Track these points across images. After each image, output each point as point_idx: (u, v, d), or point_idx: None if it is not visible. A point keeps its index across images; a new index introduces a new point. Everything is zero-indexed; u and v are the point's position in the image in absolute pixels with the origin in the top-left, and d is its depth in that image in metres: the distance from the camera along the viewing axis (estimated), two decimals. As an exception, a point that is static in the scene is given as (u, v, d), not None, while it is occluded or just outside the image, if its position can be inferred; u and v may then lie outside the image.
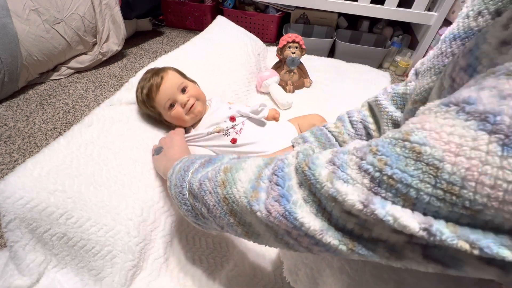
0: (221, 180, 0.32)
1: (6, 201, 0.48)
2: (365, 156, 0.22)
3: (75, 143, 0.57)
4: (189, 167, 0.40)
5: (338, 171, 0.23)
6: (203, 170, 0.37)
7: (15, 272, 0.51)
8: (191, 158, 0.43)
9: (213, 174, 0.34)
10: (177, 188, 0.40)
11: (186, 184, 0.38)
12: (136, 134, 0.64)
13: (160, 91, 0.64)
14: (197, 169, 0.38)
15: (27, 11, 1.07)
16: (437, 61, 0.32)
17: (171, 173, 0.43)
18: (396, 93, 0.46)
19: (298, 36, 1.01)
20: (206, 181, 0.34)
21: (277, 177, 0.28)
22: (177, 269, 0.56)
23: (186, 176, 0.39)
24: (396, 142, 0.21)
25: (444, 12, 1.20)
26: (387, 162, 0.20)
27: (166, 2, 1.68)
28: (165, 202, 0.60)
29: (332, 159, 0.25)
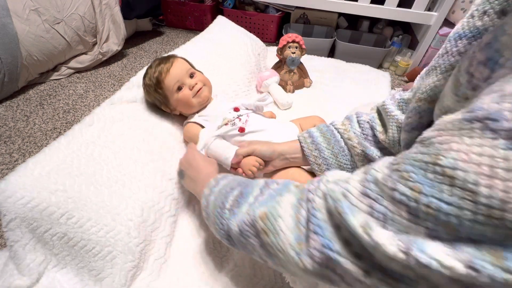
0: (262, 229, 0.32)
1: (7, 200, 0.48)
2: (396, 185, 0.22)
3: (76, 143, 0.57)
4: (224, 203, 0.40)
5: (374, 212, 0.23)
6: (239, 211, 0.37)
7: (15, 272, 0.51)
8: (224, 189, 0.42)
9: (251, 220, 0.34)
10: (216, 225, 0.40)
11: (226, 222, 0.38)
12: (137, 134, 0.64)
13: (170, 73, 0.65)
14: (232, 210, 0.38)
15: (27, 11, 1.07)
16: (442, 60, 0.33)
17: (206, 204, 0.43)
18: (402, 99, 0.47)
19: (298, 36, 1.01)
20: (246, 227, 0.34)
21: (313, 225, 0.27)
22: (177, 269, 0.56)
23: (224, 214, 0.39)
24: (427, 167, 0.20)
25: (444, 12, 1.20)
26: (421, 190, 0.20)
27: (166, 2, 1.68)
28: (165, 202, 0.60)
29: (364, 191, 0.24)
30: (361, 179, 0.26)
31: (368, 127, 0.51)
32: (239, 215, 0.36)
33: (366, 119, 0.52)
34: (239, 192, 0.39)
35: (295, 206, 0.31)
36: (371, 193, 0.24)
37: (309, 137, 0.56)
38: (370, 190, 0.24)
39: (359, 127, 0.52)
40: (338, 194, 0.27)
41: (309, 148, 0.55)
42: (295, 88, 1.06)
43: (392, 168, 0.23)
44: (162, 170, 0.62)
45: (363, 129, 0.51)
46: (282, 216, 0.31)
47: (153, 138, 0.66)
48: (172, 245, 0.59)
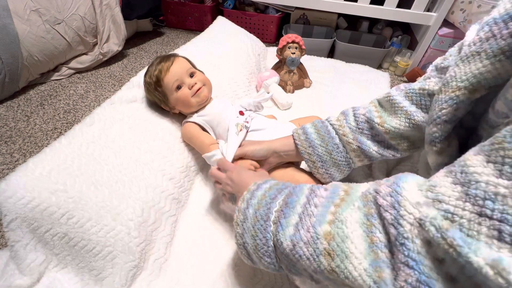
0: (326, 250, 0.28)
1: (8, 200, 0.48)
2: None
3: (77, 143, 0.57)
4: (268, 215, 0.35)
5: (504, 232, 0.18)
6: (290, 224, 0.33)
7: (16, 271, 0.51)
8: (263, 199, 0.38)
9: (310, 238, 0.30)
10: (258, 240, 0.35)
11: (270, 236, 0.35)
12: (137, 134, 0.64)
13: (170, 72, 0.65)
14: (280, 222, 0.34)
15: (28, 11, 1.07)
16: (488, 45, 0.30)
17: (242, 218, 0.38)
18: (411, 89, 0.45)
19: (298, 37, 1.01)
20: (302, 244, 0.30)
21: (404, 256, 0.23)
22: (177, 269, 0.56)
23: (268, 227, 0.35)
24: None
25: (443, 13, 1.20)
26: None
27: (167, 2, 1.69)
28: (166, 202, 0.60)
29: (480, 211, 0.20)
30: (464, 195, 0.21)
31: (364, 120, 0.50)
32: (290, 228, 0.32)
33: (363, 112, 0.50)
34: (283, 202, 0.36)
35: (364, 225, 0.27)
36: (492, 211, 0.19)
37: (303, 133, 0.55)
38: (488, 208, 0.19)
39: (354, 121, 0.51)
40: (442, 221, 0.22)
41: (303, 146, 0.54)
42: (295, 88, 1.06)
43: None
44: (162, 170, 0.63)
45: (358, 123, 0.50)
46: (349, 237, 0.27)
47: (153, 138, 0.66)
48: (172, 245, 0.60)
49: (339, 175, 0.55)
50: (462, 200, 0.22)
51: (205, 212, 0.66)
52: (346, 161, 0.52)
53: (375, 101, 0.51)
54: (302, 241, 0.30)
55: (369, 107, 0.50)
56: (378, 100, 0.50)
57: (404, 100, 0.45)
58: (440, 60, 0.42)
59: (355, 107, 0.53)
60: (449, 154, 0.36)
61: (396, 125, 0.46)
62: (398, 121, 0.45)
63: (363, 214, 0.28)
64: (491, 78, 0.30)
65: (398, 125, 0.45)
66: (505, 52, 0.28)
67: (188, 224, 0.63)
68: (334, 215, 0.30)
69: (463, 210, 0.21)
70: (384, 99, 0.48)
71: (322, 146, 0.53)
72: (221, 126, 0.68)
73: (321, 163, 0.53)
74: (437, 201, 0.23)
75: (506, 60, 0.28)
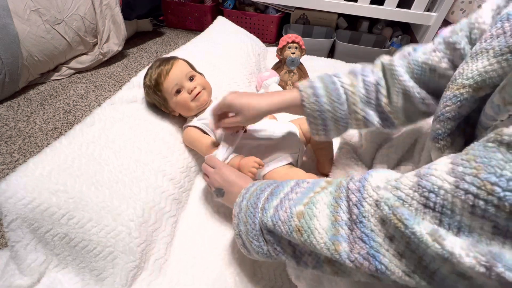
0: (296, 227, 0.32)
1: (8, 201, 0.48)
2: (476, 201, 0.19)
3: (77, 143, 0.57)
4: (257, 203, 0.40)
5: (444, 219, 0.21)
6: (269, 207, 0.37)
7: (16, 271, 0.51)
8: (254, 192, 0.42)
9: (286, 217, 0.34)
10: (248, 225, 0.40)
11: (258, 221, 0.38)
12: (138, 134, 0.64)
13: (169, 76, 0.65)
14: (264, 207, 0.38)
15: (28, 11, 1.07)
16: (497, 42, 0.29)
17: (238, 210, 0.43)
18: (415, 61, 0.43)
19: (298, 37, 1.01)
20: (280, 223, 0.34)
21: (360, 232, 0.26)
22: (177, 269, 0.56)
23: (256, 213, 0.39)
24: None
25: (443, 13, 1.20)
26: None
27: (167, 2, 1.69)
28: (166, 203, 0.61)
29: (425, 202, 0.23)
30: (416, 185, 0.24)
31: (374, 90, 0.47)
32: (271, 210, 0.36)
33: (373, 80, 0.47)
34: (270, 192, 0.40)
35: (332, 206, 0.31)
36: (434, 204, 0.22)
37: (313, 95, 0.49)
38: (431, 201, 0.22)
39: (363, 89, 0.48)
40: (394, 201, 0.25)
41: (312, 109, 0.50)
42: (295, 88, 1.06)
43: (459, 174, 0.21)
44: (163, 170, 0.63)
45: (368, 93, 0.47)
46: (317, 216, 0.31)
47: (153, 138, 0.66)
48: (172, 245, 0.60)
49: (333, 133, 0.53)
50: (413, 189, 0.25)
51: (205, 212, 0.66)
52: (345, 127, 0.51)
53: (380, 64, 0.48)
54: (280, 220, 0.34)
55: (378, 74, 0.48)
56: (384, 64, 0.48)
57: (405, 73, 0.44)
58: (448, 33, 0.40)
59: (363, 68, 0.50)
60: (453, 151, 0.36)
61: (394, 101, 0.45)
62: (396, 97, 0.45)
63: (333, 197, 0.32)
64: (496, 77, 0.29)
65: (396, 102, 0.45)
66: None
67: (188, 224, 0.63)
68: (310, 199, 0.33)
69: (412, 199, 0.24)
70: (387, 66, 0.46)
71: (330, 112, 0.49)
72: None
73: (323, 126, 0.51)
74: (394, 188, 0.26)
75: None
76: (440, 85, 0.41)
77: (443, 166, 0.24)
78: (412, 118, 0.48)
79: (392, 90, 0.45)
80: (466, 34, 0.38)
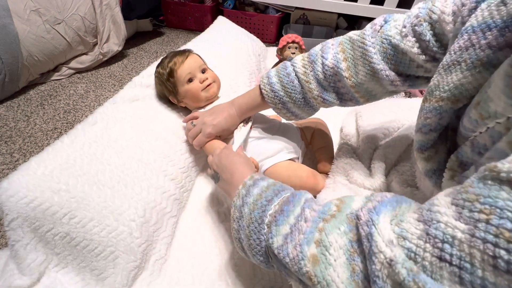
0: (308, 274, 0.29)
1: (10, 199, 0.48)
2: (496, 251, 0.17)
3: (79, 142, 0.57)
4: (262, 218, 0.36)
5: (465, 280, 0.19)
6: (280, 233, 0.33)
7: (16, 271, 0.51)
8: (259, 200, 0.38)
9: (296, 256, 0.30)
10: (252, 240, 0.36)
11: (264, 238, 0.35)
12: (140, 133, 0.64)
13: (184, 65, 0.69)
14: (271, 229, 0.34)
15: (28, 11, 1.07)
16: (468, 55, 0.29)
17: (238, 215, 0.39)
18: (388, 40, 0.43)
19: (298, 37, 1.01)
20: (288, 260, 0.31)
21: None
22: (177, 269, 0.56)
23: (262, 230, 0.35)
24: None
25: (444, 13, 1.20)
26: None
27: (167, 2, 1.69)
28: (167, 203, 0.61)
29: (440, 255, 0.20)
30: (425, 234, 0.22)
31: (333, 73, 0.48)
32: (279, 238, 0.33)
33: (331, 63, 0.48)
34: (279, 208, 0.36)
35: (348, 252, 0.27)
36: (450, 256, 0.20)
37: (268, 84, 0.54)
38: (447, 252, 0.20)
39: (322, 73, 0.49)
40: (411, 265, 0.22)
41: (269, 96, 0.55)
42: (295, 88, 1.06)
43: (469, 220, 0.19)
44: (164, 170, 0.63)
45: (326, 76, 0.49)
46: (333, 265, 0.27)
47: (155, 138, 0.66)
48: (172, 245, 0.60)
49: (304, 115, 0.58)
50: (423, 240, 0.22)
51: (205, 213, 0.66)
52: (308, 105, 0.55)
53: (345, 42, 0.48)
54: (288, 257, 0.31)
55: (337, 56, 0.47)
56: (351, 40, 0.47)
57: (375, 53, 0.44)
58: (415, 20, 0.40)
59: (324, 49, 0.50)
60: (437, 160, 0.36)
61: (362, 79, 0.46)
62: (364, 75, 0.45)
63: (348, 240, 0.28)
64: (472, 89, 0.30)
65: (363, 80, 0.46)
66: (484, 64, 0.28)
67: (188, 224, 0.63)
68: (321, 235, 0.30)
69: (424, 252, 0.21)
70: (358, 44, 0.46)
71: (291, 102, 0.54)
72: None
73: (290, 113, 0.57)
74: (401, 238, 0.23)
75: (486, 71, 0.28)
76: (410, 67, 0.43)
77: (446, 209, 0.22)
78: (378, 96, 0.50)
79: (358, 69, 0.46)
80: (429, 27, 0.39)
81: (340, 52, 0.48)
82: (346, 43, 0.48)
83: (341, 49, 0.48)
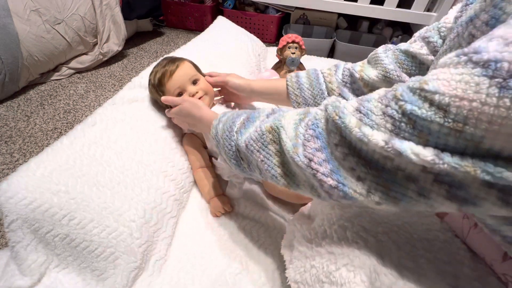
0: (271, 140, 0.37)
1: (9, 201, 0.48)
2: (389, 103, 0.26)
3: (78, 143, 0.57)
4: (232, 127, 0.44)
5: (364, 119, 0.27)
6: (246, 132, 0.41)
7: (17, 272, 0.51)
8: (230, 118, 0.46)
9: (257, 135, 0.38)
10: (225, 148, 0.44)
11: (234, 143, 0.43)
12: (139, 135, 0.64)
13: (173, 78, 0.66)
14: (239, 130, 0.43)
15: (27, 11, 1.07)
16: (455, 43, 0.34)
17: (215, 132, 0.47)
18: (398, 49, 0.50)
19: (298, 37, 1.01)
20: (252, 142, 0.39)
21: (314, 132, 0.32)
22: (177, 269, 0.56)
23: (232, 136, 0.43)
24: (415, 91, 0.24)
25: (444, 13, 1.20)
26: (406, 107, 0.24)
27: (167, 2, 1.69)
28: (167, 204, 0.61)
29: (358, 107, 0.29)
30: (357, 100, 0.30)
31: (348, 74, 0.56)
32: (246, 135, 0.40)
33: (348, 66, 0.57)
34: (246, 117, 0.44)
35: (298, 120, 0.35)
36: (362, 109, 0.28)
37: (295, 76, 0.61)
38: (363, 107, 0.28)
39: (341, 74, 0.57)
40: (338, 103, 0.32)
41: (292, 87, 0.61)
42: (295, 88, 1.06)
43: (388, 91, 0.28)
44: (164, 171, 0.63)
45: (343, 76, 0.56)
46: (284, 126, 0.35)
47: (155, 139, 0.66)
48: (172, 246, 0.60)
49: None
50: (356, 101, 0.30)
51: (205, 213, 0.66)
52: None
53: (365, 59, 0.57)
54: (252, 140, 0.39)
55: (357, 63, 0.56)
56: (368, 57, 0.56)
57: (386, 57, 0.51)
58: (423, 31, 0.48)
59: (347, 63, 0.59)
60: None
61: (373, 76, 0.51)
62: (376, 73, 0.51)
63: (297, 114, 0.36)
64: None
65: (375, 77, 0.51)
66: None
67: (188, 225, 0.64)
68: (276, 119, 0.38)
69: (351, 105, 0.30)
70: (371, 56, 0.54)
71: (309, 90, 0.59)
72: None
73: (304, 106, 0.60)
74: (341, 101, 0.33)
75: None
76: (421, 70, 0.49)
77: (377, 96, 0.29)
78: None
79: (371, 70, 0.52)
80: (436, 31, 0.46)
81: (359, 62, 0.57)
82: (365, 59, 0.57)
83: (361, 61, 0.57)
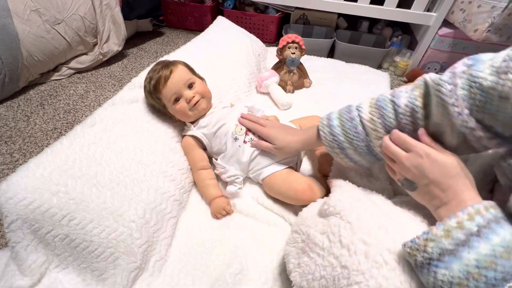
0: None
1: (9, 201, 0.48)
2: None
3: (78, 144, 0.57)
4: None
5: None
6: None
7: (17, 272, 0.51)
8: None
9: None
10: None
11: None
12: (139, 135, 0.64)
13: (167, 85, 0.65)
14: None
15: (27, 11, 1.07)
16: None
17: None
18: (477, 84, 0.34)
19: (298, 37, 1.01)
20: None
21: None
22: (177, 269, 0.56)
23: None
24: None
25: (443, 13, 1.20)
26: None
27: (167, 2, 1.68)
28: (167, 204, 0.61)
29: None
30: None
31: (409, 113, 0.42)
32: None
33: (405, 101, 0.42)
34: None
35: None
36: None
37: (330, 134, 0.50)
38: None
39: (395, 117, 0.43)
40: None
41: (330, 146, 0.51)
42: (295, 88, 1.06)
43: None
44: (164, 172, 0.63)
45: (400, 119, 0.42)
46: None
47: (155, 139, 0.66)
48: (172, 246, 0.60)
49: (365, 163, 0.51)
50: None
51: (204, 213, 0.66)
52: (370, 153, 0.48)
53: (423, 86, 0.41)
54: None
55: (414, 93, 0.42)
56: (428, 83, 0.40)
57: (457, 99, 0.36)
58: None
59: (394, 93, 0.44)
60: None
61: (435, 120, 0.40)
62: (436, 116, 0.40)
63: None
64: None
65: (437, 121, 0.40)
66: None
67: (188, 225, 0.64)
68: None
69: None
70: (433, 91, 0.39)
71: (350, 148, 0.49)
72: (219, 138, 0.68)
73: (340, 150, 0.50)
74: None
75: None
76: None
77: None
78: (458, 150, 0.40)
79: (433, 109, 0.40)
80: None
81: (417, 91, 0.42)
82: (421, 87, 0.42)
83: (418, 90, 0.42)
